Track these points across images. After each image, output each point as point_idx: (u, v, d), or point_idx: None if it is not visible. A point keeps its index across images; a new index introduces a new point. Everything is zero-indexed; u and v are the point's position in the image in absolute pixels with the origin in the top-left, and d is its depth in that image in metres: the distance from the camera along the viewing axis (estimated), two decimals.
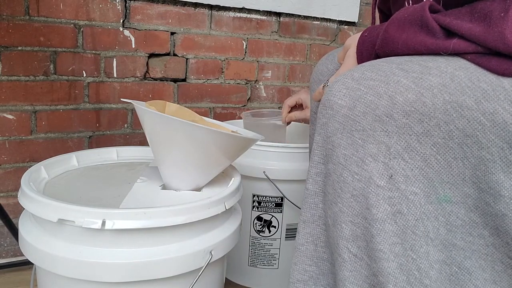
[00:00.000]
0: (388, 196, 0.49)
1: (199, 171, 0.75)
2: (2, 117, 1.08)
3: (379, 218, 0.49)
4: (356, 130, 0.50)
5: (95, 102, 1.18)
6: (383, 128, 0.49)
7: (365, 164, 0.50)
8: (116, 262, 0.59)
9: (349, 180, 0.51)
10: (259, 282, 1.08)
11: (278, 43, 1.42)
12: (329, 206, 0.54)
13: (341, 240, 0.52)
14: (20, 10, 1.05)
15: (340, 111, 0.51)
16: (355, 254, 0.51)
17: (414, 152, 0.49)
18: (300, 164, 0.99)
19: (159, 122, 0.69)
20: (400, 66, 0.51)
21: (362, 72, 0.52)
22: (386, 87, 0.49)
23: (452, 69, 0.48)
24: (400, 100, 0.48)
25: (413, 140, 0.48)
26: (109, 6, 1.15)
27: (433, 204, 0.50)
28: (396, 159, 0.49)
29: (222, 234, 0.69)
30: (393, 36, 0.53)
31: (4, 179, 1.11)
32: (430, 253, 0.50)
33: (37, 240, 0.62)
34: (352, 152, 0.51)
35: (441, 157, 0.48)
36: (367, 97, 0.50)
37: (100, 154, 0.90)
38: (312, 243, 0.57)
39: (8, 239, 1.14)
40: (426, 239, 0.49)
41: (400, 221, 0.49)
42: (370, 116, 0.49)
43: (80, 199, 0.69)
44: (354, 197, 0.51)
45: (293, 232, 1.04)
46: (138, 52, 1.21)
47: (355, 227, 0.51)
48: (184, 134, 0.68)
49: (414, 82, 0.48)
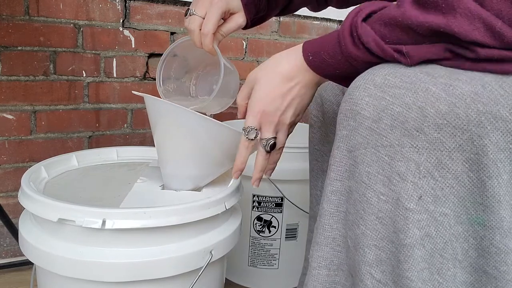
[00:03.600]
0: (417, 219, 0.45)
1: (198, 168, 0.74)
2: (2, 117, 1.08)
3: (408, 244, 0.45)
4: (382, 145, 0.45)
5: (95, 102, 1.18)
6: (412, 143, 0.44)
7: (392, 184, 0.45)
8: (116, 262, 0.59)
9: (373, 201, 0.46)
10: (259, 282, 1.08)
11: (278, 43, 1.42)
12: (350, 227, 0.49)
13: (364, 266, 0.48)
14: (20, 10, 1.05)
15: (363, 123, 0.46)
16: (379, 280, 0.47)
17: (445, 169, 0.44)
18: (300, 164, 0.99)
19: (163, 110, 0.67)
20: (425, 70, 0.45)
21: (384, 78, 0.46)
22: (415, 96, 0.44)
23: (480, 76, 0.44)
24: (431, 112, 0.43)
25: (444, 156, 0.44)
26: (109, 6, 1.15)
27: (463, 225, 0.46)
28: (426, 178, 0.44)
29: (222, 234, 0.69)
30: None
31: (4, 179, 1.11)
32: (457, 276, 0.46)
33: (37, 240, 0.62)
34: (377, 170, 0.46)
35: (474, 175, 0.44)
36: (394, 108, 0.44)
37: (100, 154, 0.90)
38: (325, 267, 0.52)
39: (8, 239, 1.14)
40: (454, 262, 0.46)
41: (428, 244, 0.45)
42: (399, 130, 0.44)
43: (80, 199, 0.69)
44: (379, 219, 0.46)
45: (293, 232, 1.04)
46: (138, 52, 1.21)
47: (379, 251, 0.47)
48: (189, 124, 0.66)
49: (444, 90, 0.43)
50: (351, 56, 0.49)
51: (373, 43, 0.46)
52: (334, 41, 0.50)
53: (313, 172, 0.76)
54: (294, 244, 1.05)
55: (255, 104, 0.56)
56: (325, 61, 0.51)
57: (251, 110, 0.56)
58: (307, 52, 0.53)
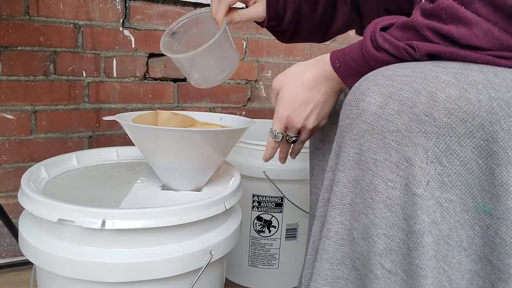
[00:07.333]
0: (426, 205, 0.44)
1: (196, 172, 0.75)
2: (2, 117, 1.08)
3: (417, 230, 0.44)
4: (388, 131, 0.45)
5: (95, 102, 1.18)
6: (420, 128, 0.44)
7: (400, 170, 0.45)
8: (116, 262, 0.59)
9: (381, 188, 0.46)
10: (259, 282, 1.08)
11: (278, 43, 1.41)
12: (356, 217, 0.48)
13: (373, 256, 0.47)
14: (20, 10, 1.05)
15: (368, 109, 0.46)
16: (389, 270, 0.47)
17: (453, 155, 0.44)
18: (300, 164, 0.99)
19: (148, 134, 0.69)
20: (436, 63, 0.46)
21: (394, 70, 0.47)
22: (425, 83, 0.44)
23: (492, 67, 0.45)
24: (441, 96, 0.43)
25: (453, 142, 0.43)
26: (109, 6, 1.15)
27: (469, 212, 0.45)
28: (433, 163, 0.44)
29: (222, 234, 0.69)
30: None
31: (4, 179, 1.11)
32: (463, 263, 0.46)
33: (37, 240, 0.62)
34: (384, 156, 0.45)
35: (482, 162, 0.43)
36: (403, 94, 0.44)
37: (100, 154, 0.90)
38: (327, 261, 0.51)
39: (8, 239, 1.14)
40: (459, 249, 0.45)
41: (435, 231, 0.45)
42: (406, 115, 0.44)
43: (80, 199, 0.69)
44: (388, 207, 0.46)
45: (293, 232, 1.04)
46: (138, 52, 1.21)
47: (389, 240, 0.46)
48: (175, 140, 0.68)
49: (455, 77, 0.44)
50: (370, 56, 0.51)
51: (388, 43, 0.50)
52: (358, 47, 0.54)
53: (313, 171, 0.76)
54: (294, 244, 1.05)
55: (280, 110, 0.60)
56: (349, 66, 0.54)
57: (277, 115, 0.61)
58: (334, 60, 0.56)
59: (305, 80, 0.58)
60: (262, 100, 1.44)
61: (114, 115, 0.71)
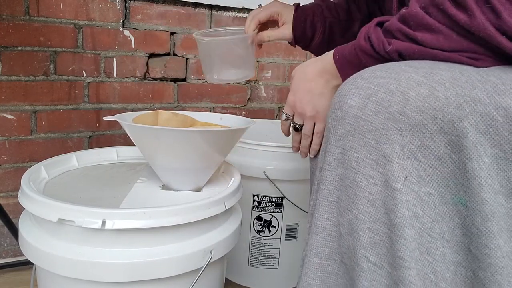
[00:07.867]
0: (405, 199, 0.47)
1: (196, 172, 0.75)
2: (2, 117, 1.08)
3: (398, 224, 0.46)
4: (368, 130, 0.48)
5: (95, 102, 1.18)
6: (396, 126, 0.47)
7: (380, 166, 0.47)
8: (116, 262, 0.59)
9: (363, 184, 0.48)
10: (259, 282, 1.08)
11: (278, 43, 1.42)
12: (342, 213, 0.51)
13: (359, 249, 0.49)
14: (20, 10, 1.05)
15: (350, 112, 0.49)
16: (374, 263, 0.49)
17: (428, 151, 0.47)
18: (300, 164, 0.99)
19: (148, 134, 0.69)
20: (409, 64, 0.50)
21: (371, 72, 0.50)
22: (398, 83, 0.47)
23: (459, 66, 0.48)
24: (413, 95, 0.46)
25: (426, 138, 0.46)
26: (109, 6, 1.15)
27: (447, 205, 0.47)
28: (410, 159, 0.47)
29: (222, 234, 0.69)
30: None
31: (4, 179, 1.11)
32: (447, 255, 0.48)
33: (37, 240, 0.62)
34: (365, 155, 0.48)
35: (456, 156, 0.46)
36: (379, 95, 0.48)
37: (100, 154, 0.90)
38: (316, 255, 0.54)
39: (8, 239, 1.14)
40: (442, 241, 0.47)
41: (417, 224, 0.47)
42: (383, 114, 0.47)
43: (80, 199, 0.69)
44: (370, 202, 0.48)
45: (293, 232, 1.04)
46: (138, 52, 1.21)
47: (373, 234, 0.49)
48: (175, 140, 0.68)
49: (425, 76, 0.47)
50: (358, 45, 0.56)
51: (374, 34, 0.54)
52: (354, 41, 0.58)
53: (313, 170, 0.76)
54: (294, 244, 1.05)
55: (289, 95, 0.68)
56: (345, 57, 0.59)
57: (287, 100, 0.68)
58: (335, 52, 0.61)
59: (307, 72, 0.65)
60: (262, 100, 1.44)
61: (114, 115, 0.71)
